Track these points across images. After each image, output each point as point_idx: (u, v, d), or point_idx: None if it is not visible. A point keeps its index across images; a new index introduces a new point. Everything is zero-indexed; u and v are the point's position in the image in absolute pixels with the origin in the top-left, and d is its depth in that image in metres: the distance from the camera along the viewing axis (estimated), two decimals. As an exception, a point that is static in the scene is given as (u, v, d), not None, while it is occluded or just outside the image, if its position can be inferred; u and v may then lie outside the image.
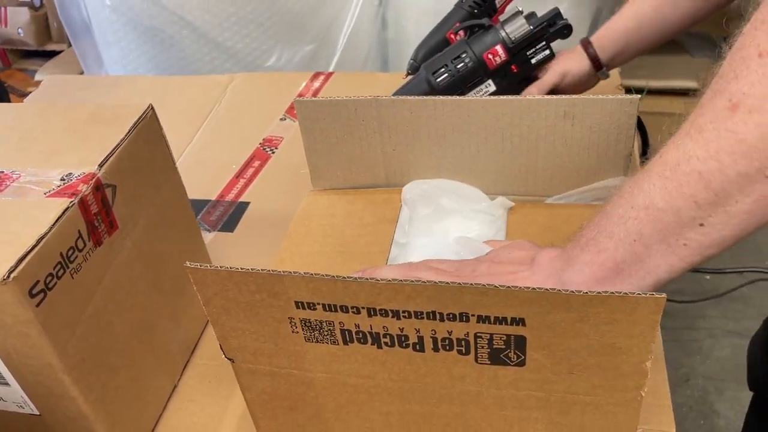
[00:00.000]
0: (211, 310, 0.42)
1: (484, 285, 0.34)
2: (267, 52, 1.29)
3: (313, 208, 0.71)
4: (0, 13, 2.24)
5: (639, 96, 0.57)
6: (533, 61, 0.75)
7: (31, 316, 0.44)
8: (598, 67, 0.78)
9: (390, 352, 0.39)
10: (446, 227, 0.62)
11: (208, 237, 0.80)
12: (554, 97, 0.60)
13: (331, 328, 0.39)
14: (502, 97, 0.61)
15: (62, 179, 0.51)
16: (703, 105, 0.40)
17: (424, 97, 0.64)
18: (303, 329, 0.40)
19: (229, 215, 0.83)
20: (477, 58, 0.74)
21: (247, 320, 0.42)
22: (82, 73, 1.63)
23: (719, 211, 0.38)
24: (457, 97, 0.64)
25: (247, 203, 0.85)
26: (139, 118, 0.56)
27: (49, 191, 0.49)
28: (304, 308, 0.39)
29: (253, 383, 0.47)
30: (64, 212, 0.47)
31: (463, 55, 0.74)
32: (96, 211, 0.50)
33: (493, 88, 0.75)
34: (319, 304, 0.38)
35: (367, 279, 0.36)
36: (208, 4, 1.21)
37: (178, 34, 1.24)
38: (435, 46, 0.84)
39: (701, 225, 0.39)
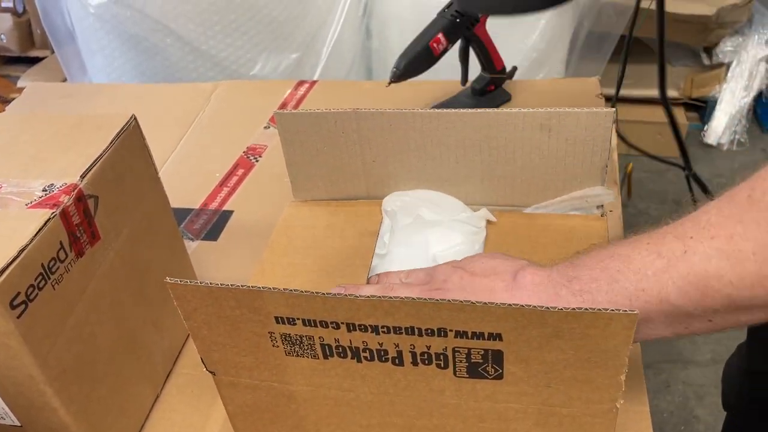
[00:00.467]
0: (191, 325, 0.43)
1: (461, 301, 0.34)
2: (251, 61, 1.30)
3: (294, 219, 0.71)
4: (-18, 19, 2.22)
5: (614, 109, 0.58)
6: None
7: (12, 327, 0.44)
8: None
9: (370, 366, 0.40)
10: (427, 238, 0.63)
11: (192, 246, 0.80)
12: (531, 110, 0.61)
13: (311, 342, 0.39)
14: (479, 110, 0.62)
15: (44, 190, 0.51)
16: (744, 222, 0.37)
17: (403, 110, 0.64)
18: (283, 343, 0.40)
19: (213, 224, 0.83)
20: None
21: (228, 335, 0.42)
22: (65, 80, 1.62)
23: (733, 317, 0.38)
24: (436, 110, 0.64)
25: (231, 212, 0.85)
26: (122, 129, 0.56)
27: (31, 202, 0.49)
28: (284, 323, 0.39)
29: (235, 396, 0.47)
30: (45, 223, 0.47)
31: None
32: (78, 222, 0.50)
33: None
34: (299, 319, 0.38)
35: (345, 295, 0.36)
36: (193, 13, 1.22)
37: (162, 42, 1.24)
38: (417, 56, 0.85)
39: (710, 321, 0.39)
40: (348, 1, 1.38)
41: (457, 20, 0.82)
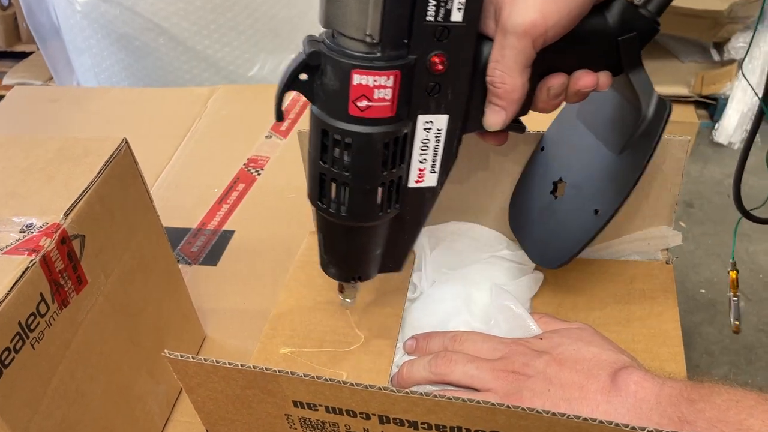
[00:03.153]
0: (195, 399, 0.36)
1: (523, 409, 0.28)
2: (249, 61, 1.23)
3: (315, 253, 0.63)
4: (-35, 13, 2.14)
5: (689, 138, 0.51)
6: None
7: (-16, 400, 0.37)
8: None
9: (407, 459, 0.33)
10: (464, 278, 0.55)
11: (188, 272, 0.73)
12: None
13: (336, 429, 0.33)
14: (526, 129, 0.55)
15: (21, 231, 0.44)
16: None
17: None
18: (302, 427, 0.34)
19: (212, 246, 0.77)
20: None
21: (237, 412, 0.36)
22: (52, 77, 1.55)
23: None
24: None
25: (232, 232, 0.79)
26: (112, 155, 0.50)
27: (6, 247, 0.43)
28: (303, 407, 0.33)
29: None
30: (22, 274, 0.40)
31: None
32: (61, 267, 0.44)
33: None
34: (321, 405, 0.32)
35: (379, 388, 0.30)
36: (187, 11, 1.14)
37: (154, 42, 1.17)
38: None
39: None
40: (350, -2, 1.30)
41: None
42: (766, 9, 1.89)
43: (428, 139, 0.43)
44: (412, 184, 0.45)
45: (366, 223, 0.45)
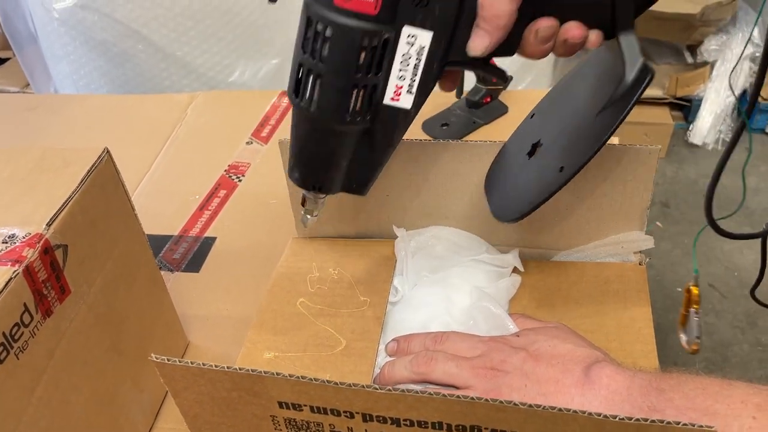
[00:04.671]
0: (181, 402, 0.37)
1: (501, 402, 0.29)
2: (229, 67, 1.23)
3: (297, 259, 0.64)
4: (-61, 18, 2.11)
5: (659, 147, 0.53)
6: None
7: (-32, 412, 0.38)
8: None
9: (390, 458, 0.34)
10: (445, 281, 0.56)
11: (171, 279, 0.73)
12: None
13: (320, 429, 0.34)
14: (504, 141, 0.56)
15: (4, 242, 0.44)
16: None
17: (423, 141, 0.58)
18: (287, 427, 0.35)
19: (194, 253, 0.77)
20: None
21: (223, 415, 0.36)
22: (29, 84, 1.53)
23: None
24: (456, 141, 0.58)
25: (214, 238, 0.79)
26: (93, 165, 0.50)
27: (-11, 258, 0.43)
28: (288, 408, 0.34)
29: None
30: (6, 285, 0.41)
31: None
32: (45, 277, 0.44)
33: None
34: (306, 405, 0.33)
35: (362, 387, 0.31)
36: (165, 18, 1.14)
37: (132, 48, 1.17)
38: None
39: None
40: (329, 3, 1.31)
41: None
42: (738, 13, 1.94)
43: (410, 55, 0.43)
44: (387, 101, 0.45)
45: (335, 126, 0.45)
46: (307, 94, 0.44)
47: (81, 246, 0.48)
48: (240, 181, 0.88)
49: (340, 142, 0.47)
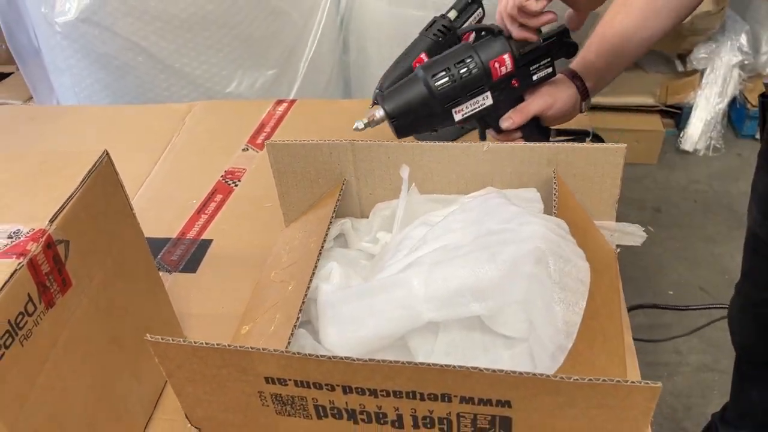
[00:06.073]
0: (174, 382, 0.40)
1: (468, 368, 0.32)
2: (227, 78, 1.26)
3: (279, 243, 0.67)
4: (-56, 34, 2.15)
5: (625, 145, 0.56)
6: (535, 77, 0.72)
7: (-24, 394, 0.40)
8: (585, 97, 0.76)
9: (367, 429, 0.37)
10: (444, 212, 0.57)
11: (169, 279, 0.76)
12: (537, 144, 0.59)
13: (304, 403, 0.37)
14: (484, 143, 0.60)
15: (9, 237, 0.47)
16: None
17: (404, 143, 0.61)
18: (274, 403, 0.38)
19: (191, 254, 0.80)
20: (483, 65, 0.68)
21: (214, 392, 0.39)
22: (32, 97, 1.57)
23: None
24: (437, 143, 0.61)
25: (210, 241, 0.82)
26: (93, 166, 0.53)
27: (-5, 251, 0.46)
28: (274, 383, 0.36)
29: (223, 452, 0.44)
30: (11, 276, 0.43)
31: (468, 60, 0.68)
32: (47, 270, 0.47)
33: (489, 101, 0.71)
34: (290, 380, 0.36)
35: (341, 358, 0.33)
36: (165, 30, 1.18)
37: (132, 60, 1.20)
38: (400, 76, 0.82)
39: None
40: (324, 16, 1.35)
41: (440, 39, 0.80)
42: (726, 21, 1.97)
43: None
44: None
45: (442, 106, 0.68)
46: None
47: (82, 242, 0.51)
48: (236, 186, 0.91)
49: (431, 111, 0.68)
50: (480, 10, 0.83)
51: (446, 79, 0.68)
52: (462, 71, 0.68)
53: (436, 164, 0.61)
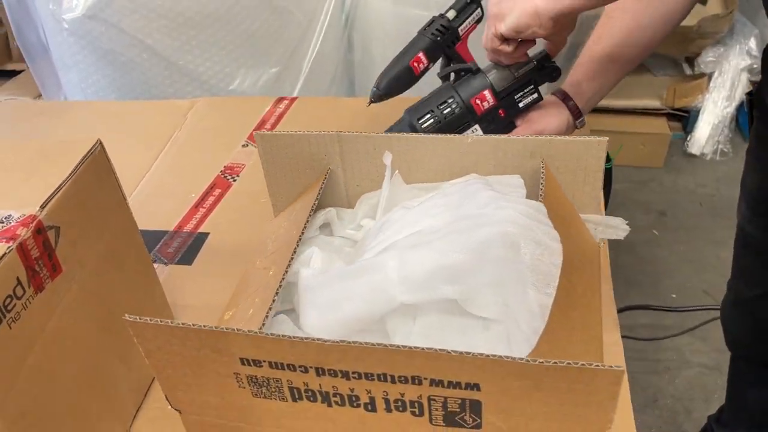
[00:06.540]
0: (154, 363, 0.40)
1: (436, 350, 0.32)
2: (230, 76, 1.28)
3: (267, 234, 0.68)
4: (-43, 32, 2.18)
5: (607, 138, 0.56)
6: (521, 104, 0.73)
7: (-37, 373, 0.41)
8: (578, 117, 0.76)
9: (340, 411, 0.37)
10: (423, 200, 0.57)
11: (165, 270, 0.77)
12: (521, 137, 0.59)
13: (279, 385, 0.37)
14: (468, 135, 0.60)
15: (0, 222, 0.48)
16: None
17: (388, 134, 0.62)
18: (249, 385, 0.38)
19: (188, 247, 0.81)
20: (464, 103, 0.71)
21: (193, 374, 0.40)
22: (41, 95, 1.59)
23: None
24: (421, 135, 0.62)
25: (207, 234, 0.83)
26: (87, 154, 0.54)
27: (-14, 236, 0.47)
28: (249, 365, 0.37)
29: (203, 435, 0.45)
30: (0, 259, 0.44)
31: (450, 101, 0.72)
32: (37, 255, 0.48)
33: (479, 132, 0.73)
34: (265, 361, 0.36)
35: (314, 339, 0.34)
36: (169, 28, 1.19)
37: (138, 57, 1.22)
38: (398, 75, 0.83)
39: None
40: (329, 14, 1.36)
41: (438, 39, 0.81)
42: (735, 25, 1.96)
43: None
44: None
45: None
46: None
47: (73, 228, 0.52)
48: (234, 180, 0.92)
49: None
50: (479, 10, 0.84)
51: (431, 120, 0.72)
52: (445, 111, 0.72)
53: (421, 156, 0.61)
